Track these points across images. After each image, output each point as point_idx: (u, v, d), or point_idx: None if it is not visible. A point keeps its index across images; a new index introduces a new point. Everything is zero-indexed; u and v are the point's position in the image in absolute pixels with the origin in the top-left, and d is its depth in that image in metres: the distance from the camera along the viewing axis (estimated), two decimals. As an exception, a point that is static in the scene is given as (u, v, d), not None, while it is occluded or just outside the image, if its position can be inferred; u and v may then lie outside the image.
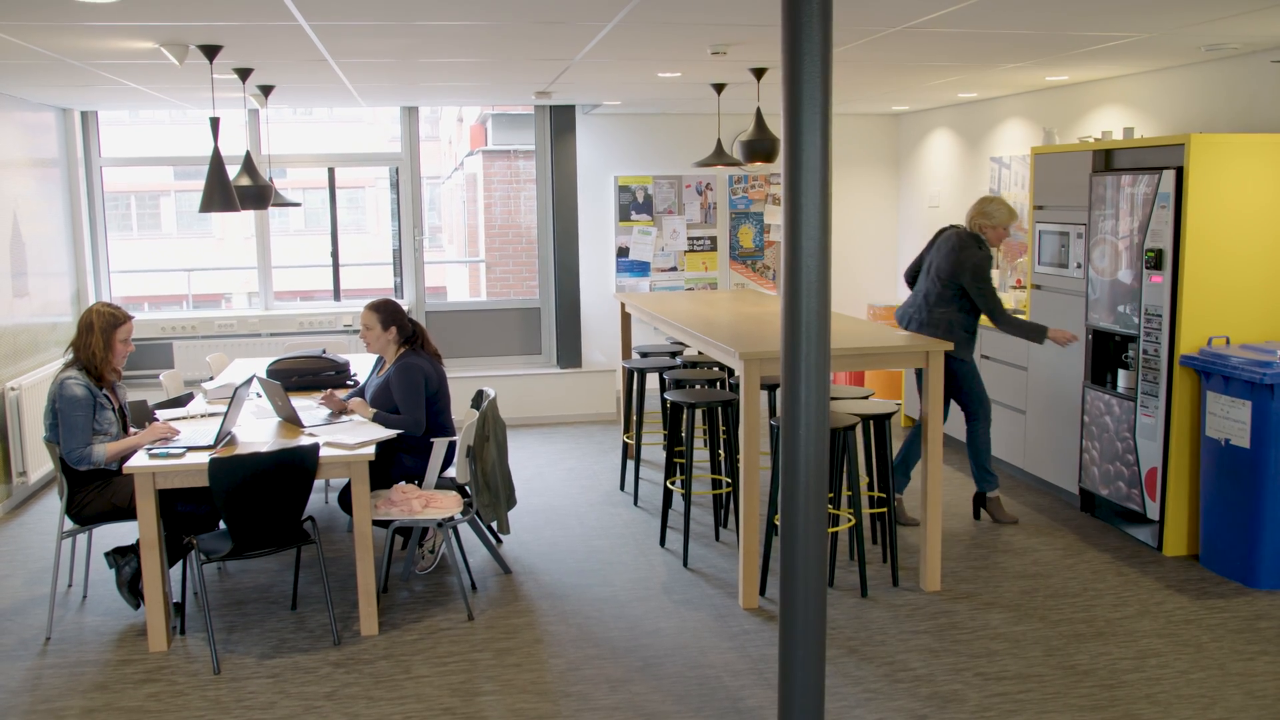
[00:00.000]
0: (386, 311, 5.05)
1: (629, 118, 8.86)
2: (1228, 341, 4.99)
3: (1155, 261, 5.07)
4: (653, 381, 8.65)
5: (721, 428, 5.67)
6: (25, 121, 6.97)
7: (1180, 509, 5.15)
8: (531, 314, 8.80)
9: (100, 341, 4.52)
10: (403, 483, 4.71)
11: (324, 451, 4.33)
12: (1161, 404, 5.10)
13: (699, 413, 6.25)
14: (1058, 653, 4.18)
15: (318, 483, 5.82)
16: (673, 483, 5.49)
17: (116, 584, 4.64)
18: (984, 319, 5.57)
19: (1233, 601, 4.64)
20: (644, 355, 6.70)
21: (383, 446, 4.67)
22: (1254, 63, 5.39)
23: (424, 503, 4.58)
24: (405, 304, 8.46)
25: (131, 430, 4.74)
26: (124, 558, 4.59)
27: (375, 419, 4.85)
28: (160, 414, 5.11)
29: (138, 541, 4.29)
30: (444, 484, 4.89)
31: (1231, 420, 4.79)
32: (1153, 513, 5.20)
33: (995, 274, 5.60)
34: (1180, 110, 5.93)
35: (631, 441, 6.55)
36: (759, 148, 5.98)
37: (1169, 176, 4.97)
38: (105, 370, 4.55)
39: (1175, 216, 4.97)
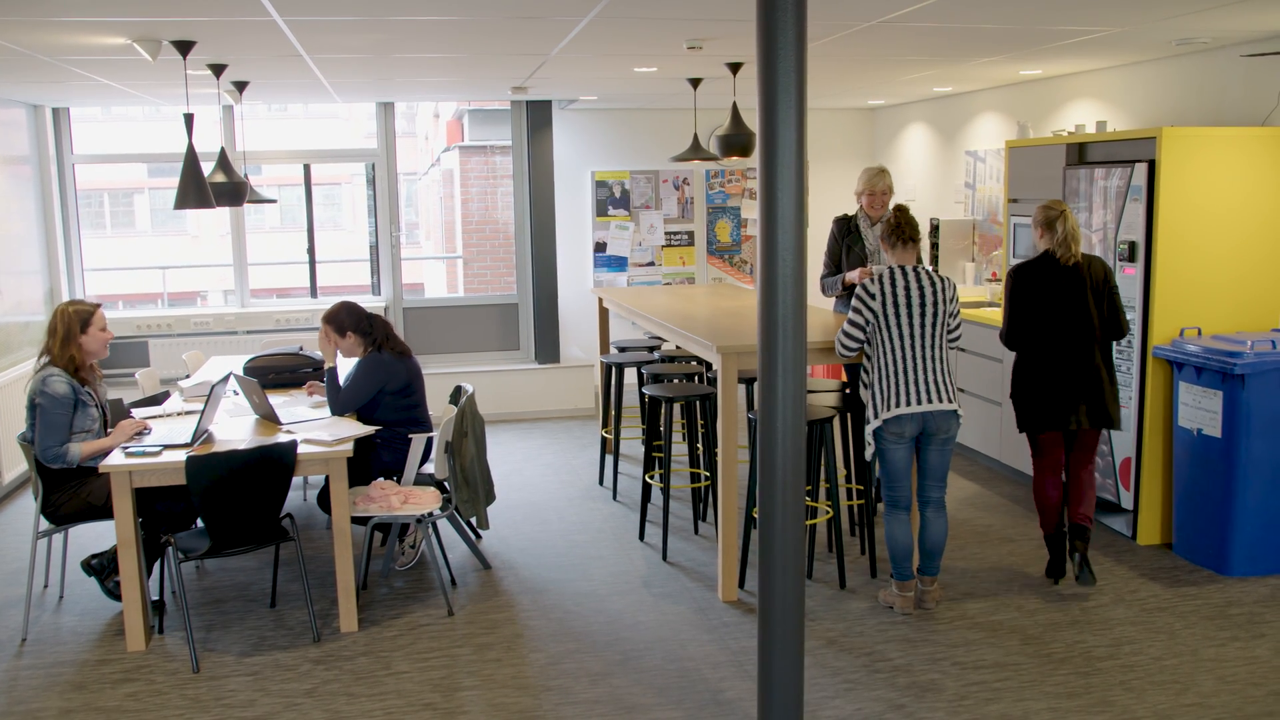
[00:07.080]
0: (337, 321, 5.00)
1: (606, 113, 8.85)
2: (1199, 332, 5.05)
3: (1128, 254, 5.12)
4: (631, 376, 8.65)
5: (700, 421, 5.68)
6: (-5, 118, 6.90)
7: (1154, 498, 5.20)
8: (509, 310, 8.79)
9: (75, 342, 4.46)
10: (381, 479, 4.70)
11: (302, 448, 4.31)
12: (1134, 395, 5.15)
13: (677, 407, 6.26)
14: (1034, 641, 4.22)
15: (296, 480, 5.80)
16: (651, 477, 5.50)
17: (102, 589, 4.62)
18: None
19: (1205, 589, 4.70)
20: (622, 350, 6.71)
21: (361, 443, 4.66)
22: (1224, 57, 5.45)
23: (403, 499, 4.58)
24: (383, 300, 8.44)
25: (109, 430, 4.70)
26: (98, 560, 4.58)
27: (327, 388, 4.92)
28: (136, 412, 5.08)
29: (113, 547, 4.26)
30: (422, 480, 4.89)
31: (1203, 410, 4.85)
32: (1127, 502, 5.26)
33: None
34: (1152, 104, 5.99)
35: (610, 436, 6.56)
36: (735, 142, 6.00)
37: (1141, 169, 5.02)
38: (83, 368, 4.51)
39: (1148, 209, 5.02)
